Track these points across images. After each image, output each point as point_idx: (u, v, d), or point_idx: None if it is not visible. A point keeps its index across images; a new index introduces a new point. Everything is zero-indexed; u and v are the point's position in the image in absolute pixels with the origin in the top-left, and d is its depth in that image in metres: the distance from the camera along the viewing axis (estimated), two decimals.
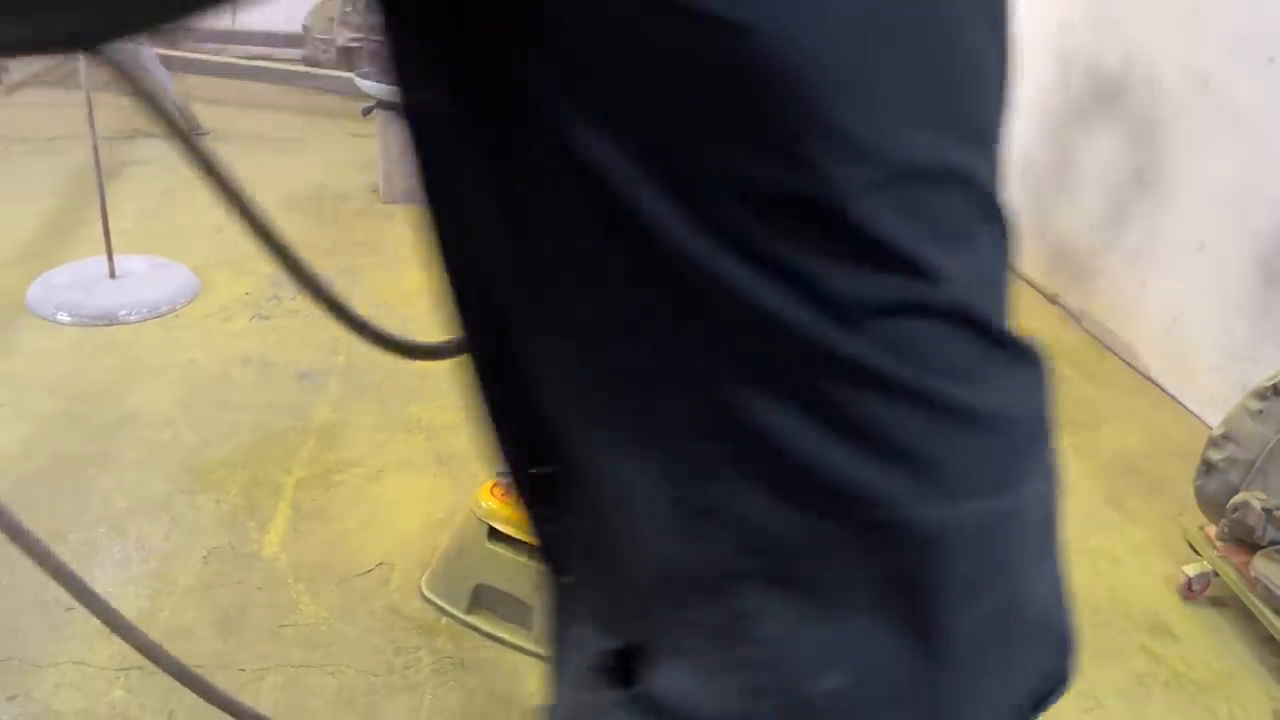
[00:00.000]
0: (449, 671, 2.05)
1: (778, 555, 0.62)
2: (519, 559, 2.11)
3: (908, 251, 0.59)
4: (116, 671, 1.96)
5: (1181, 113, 3.42)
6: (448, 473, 2.67)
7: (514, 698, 2.01)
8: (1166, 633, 2.39)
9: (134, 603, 2.13)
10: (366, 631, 2.13)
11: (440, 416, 2.92)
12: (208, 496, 2.48)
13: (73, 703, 1.88)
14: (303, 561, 2.31)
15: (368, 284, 3.63)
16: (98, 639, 2.02)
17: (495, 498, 2.15)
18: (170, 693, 1.92)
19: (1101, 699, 2.17)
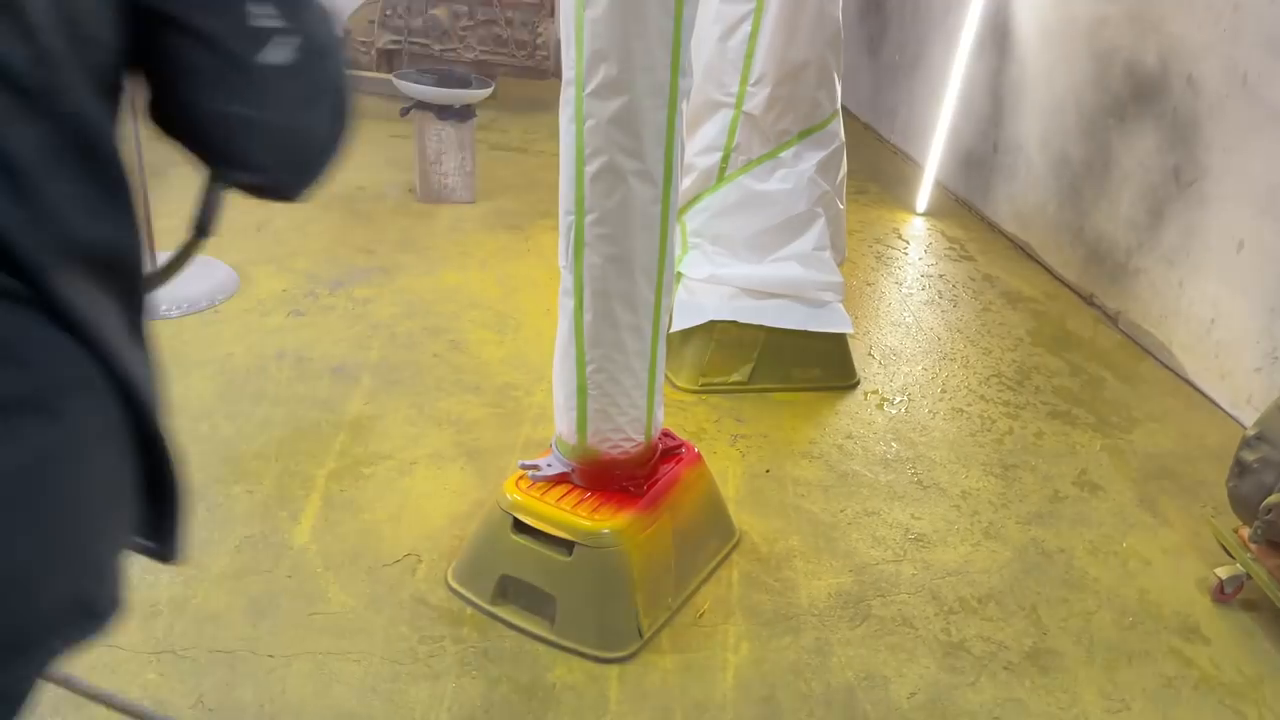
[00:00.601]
0: (473, 661, 2.08)
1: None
2: (543, 551, 2.14)
3: None
4: (149, 655, 2.00)
5: (1220, 111, 3.37)
6: (476, 467, 2.70)
7: (536, 687, 2.03)
8: (1197, 635, 2.37)
9: (167, 589, 2.18)
10: (393, 620, 2.16)
11: (470, 412, 2.95)
12: (241, 486, 2.53)
13: (106, 684, 1.92)
14: (332, 551, 2.35)
15: (402, 282, 3.68)
16: (131, 622, 2.07)
17: (521, 491, 2.18)
18: (200, 676, 1.97)
19: (1130, 701, 2.15)
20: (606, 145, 1.84)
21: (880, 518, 2.67)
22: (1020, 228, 4.69)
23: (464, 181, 4.55)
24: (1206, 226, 3.45)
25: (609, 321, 2.01)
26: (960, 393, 3.35)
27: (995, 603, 2.40)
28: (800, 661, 2.17)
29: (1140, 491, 2.90)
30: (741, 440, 2.96)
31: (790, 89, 3.01)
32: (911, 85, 5.85)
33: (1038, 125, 4.53)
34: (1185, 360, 3.56)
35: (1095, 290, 4.10)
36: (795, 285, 3.17)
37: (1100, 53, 4.05)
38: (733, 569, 2.43)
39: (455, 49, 5.89)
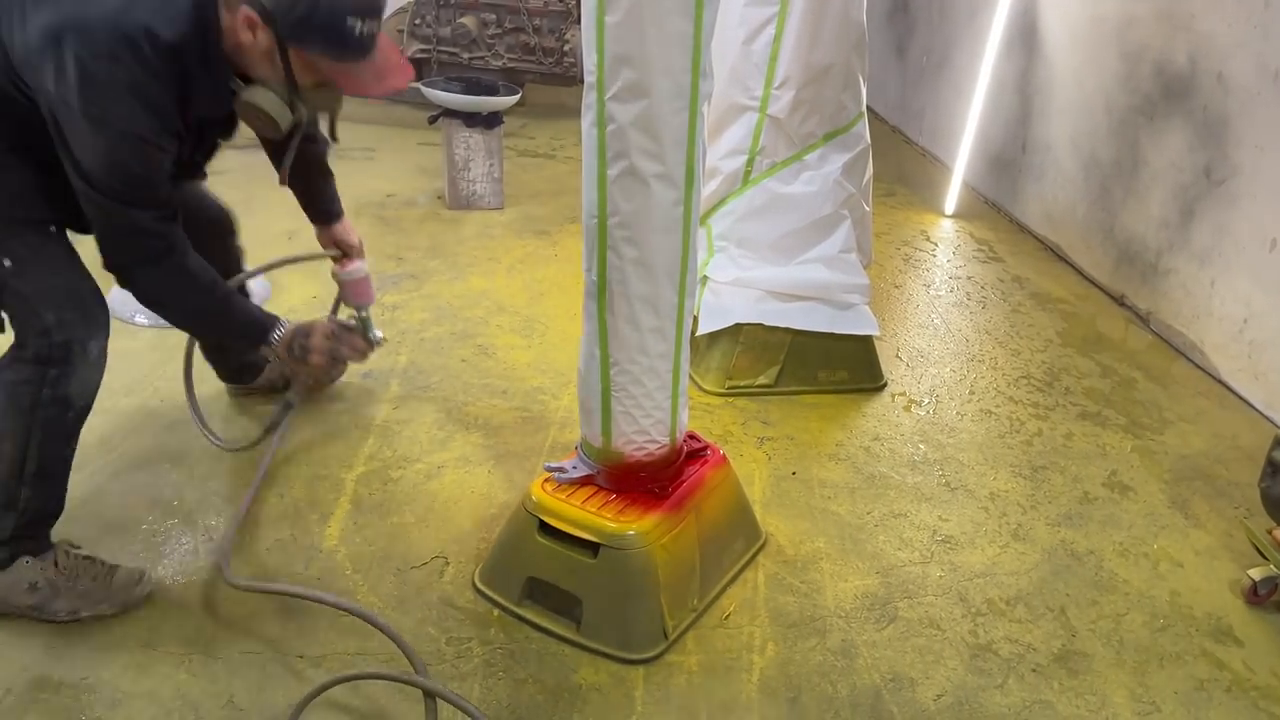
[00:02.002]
0: (499, 662, 2.09)
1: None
2: (569, 553, 2.15)
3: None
4: (181, 656, 2.03)
5: (1251, 108, 3.34)
6: (503, 470, 2.72)
7: (562, 689, 2.04)
8: (1229, 637, 2.34)
9: (200, 590, 2.21)
10: (421, 622, 2.18)
11: (497, 416, 2.97)
12: (272, 490, 2.56)
13: (139, 684, 1.96)
14: (361, 553, 2.37)
15: (431, 288, 3.71)
16: (163, 623, 2.11)
17: (546, 493, 2.19)
18: (231, 676, 1.99)
19: (1161, 703, 2.13)
20: (628, 149, 1.85)
21: (907, 520, 2.66)
22: (1050, 229, 4.66)
23: (492, 188, 4.58)
24: (1238, 225, 3.41)
25: (632, 324, 2.02)
26: (989, 394, 3.34)
27: (1024, 604, 2.38)
28: (826, 663, 2.16)
29: (1172, 493, 2.87)
30: (768, 443, 2.96)
31: (815, 91, 3.01)
32: (939, 87, 5.82)
33: (1067, 125, 4.49)
34: (1218, 360, 3.52)
35: (1126, 291, 4.06)
36: (821, 288, 3.17)
37: (1129, 52, 4.02)
38: (759, 571, 2.43)
39: (483, 57, 5.94)
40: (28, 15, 1.76)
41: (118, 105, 1.75)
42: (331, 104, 2.04)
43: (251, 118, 1.96)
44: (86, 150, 1.79)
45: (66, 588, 2.05)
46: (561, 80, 6.08)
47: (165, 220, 1.92)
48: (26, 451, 1.93)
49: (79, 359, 1.91)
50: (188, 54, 1.82)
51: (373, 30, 1.87)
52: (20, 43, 1.76)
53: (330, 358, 2.17)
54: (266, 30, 1.83)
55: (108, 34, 1.72)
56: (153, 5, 1.77)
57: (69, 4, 1.75)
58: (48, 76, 1.73)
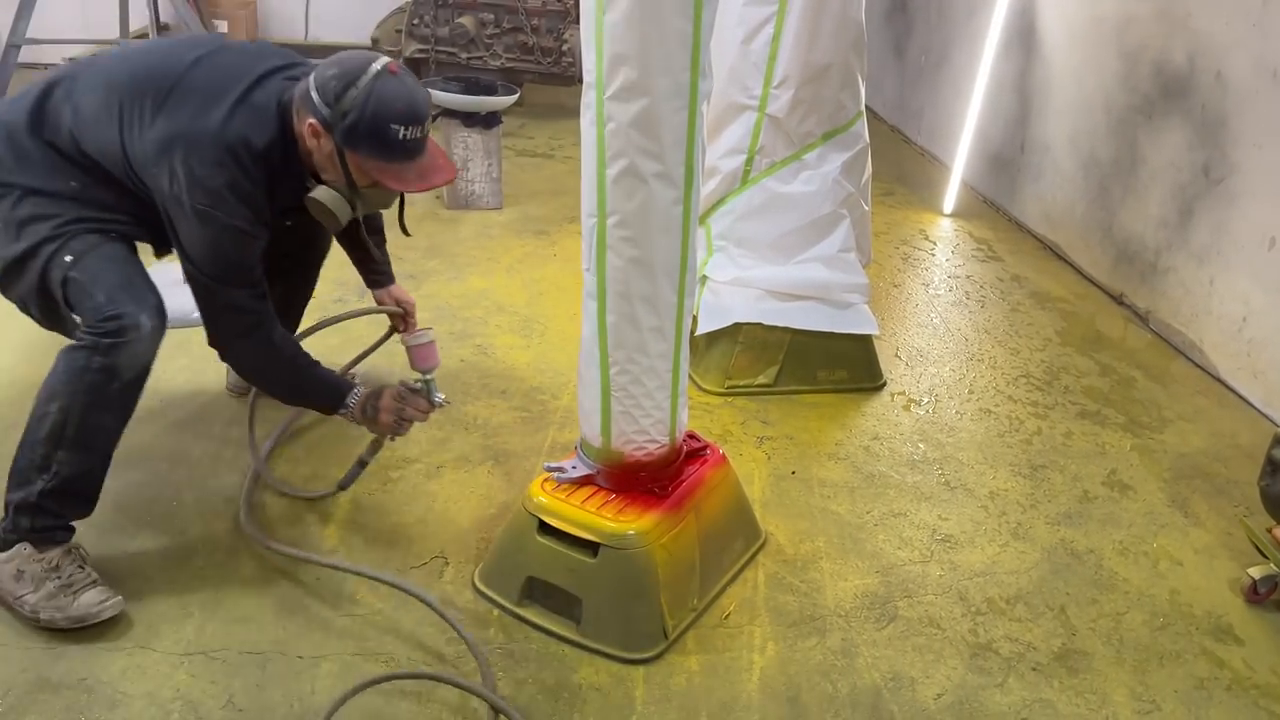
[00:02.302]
0: (499, 662, 2.09)
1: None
2: (569, 553, 2.15)
3: None
4: (180, 657, 2.03)
5: (1250, 106, 3.34)
6: (502, 470, 2.72)
7: (563, 688, 2.04)
8: (1230, 636, 2.34)
9: (198, 592, 2.21)
10: (420, 622, 2.18)
11: (496, 416, 2.97)
12: (270, 492, 2.56)
13: (139, 685, 1.96)
14: (360, 554, 2.37)
15: (430, 288, 3.71)
16: (162, 625, 2.11)
17: (546, 493, 2.19)
18: (231, 677, 1.99)
19: (1161, 702, 2.13)
20: (627, 148, 1.85)
21: (907, 519, 2.66)
22: (1048, 228, 4.66)
23: (491, 188, 4.58)
24: (1237, 223, 3.41)
25: (632, 324, 2.02)
26: (988, 393, 3.34)
27: (1023, 603, 2.38)
28: (826, 663, 2.16)
29: (1171, 491, 2.87)
30: (767, 442, 2.96)
31: (814, 91, 3.01)
32: (937, 87, 5.82)
33: (1065, 125, 4.50)
34: (1217, 359, 3.52)
35: (1125, 289, 4.06)
36: (821, 287, 3.17)
37: (1128, 51, 4.02)
38: (758, 570, 2.43)
39: (481, 57, 5.94)
40: (145, 126, 2.10)
41: (220, 203, 2.08)
42: (386, 202, 2.33)
43: (317, 212, 2.24)
44: (194, 240, 2.12)
45: (41, 585, 2.05)
46: (560, 80, 6.08)
47: (257, 299, 2.23)
48: (69, 414, 2.04)
49: (130, 331, 2.05)
50: (273, 157, 2.15)
51: (416, 135, 2.13)
52: (139, 150, 2.11)
53: (397, 418, 2.36)
54: (327, 137, 2.11)
55: (212, 145, 2.07)
56: (247, 119, 2.11)
57: (182, 118, 2.09)
58: (162, 179, 2.08)
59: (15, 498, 2.07)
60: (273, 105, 2.15)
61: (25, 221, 2.13)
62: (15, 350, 3.11)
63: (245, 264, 2.19)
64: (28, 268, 2.13)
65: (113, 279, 2.10)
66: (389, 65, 2.12)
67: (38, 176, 2.15)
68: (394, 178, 2.16)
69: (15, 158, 2.16)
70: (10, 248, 2.13)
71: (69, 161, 2.17)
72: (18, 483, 2.08)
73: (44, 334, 3.14)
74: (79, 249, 2.11)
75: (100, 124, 2.14)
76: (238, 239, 2.13)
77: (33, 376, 2.96)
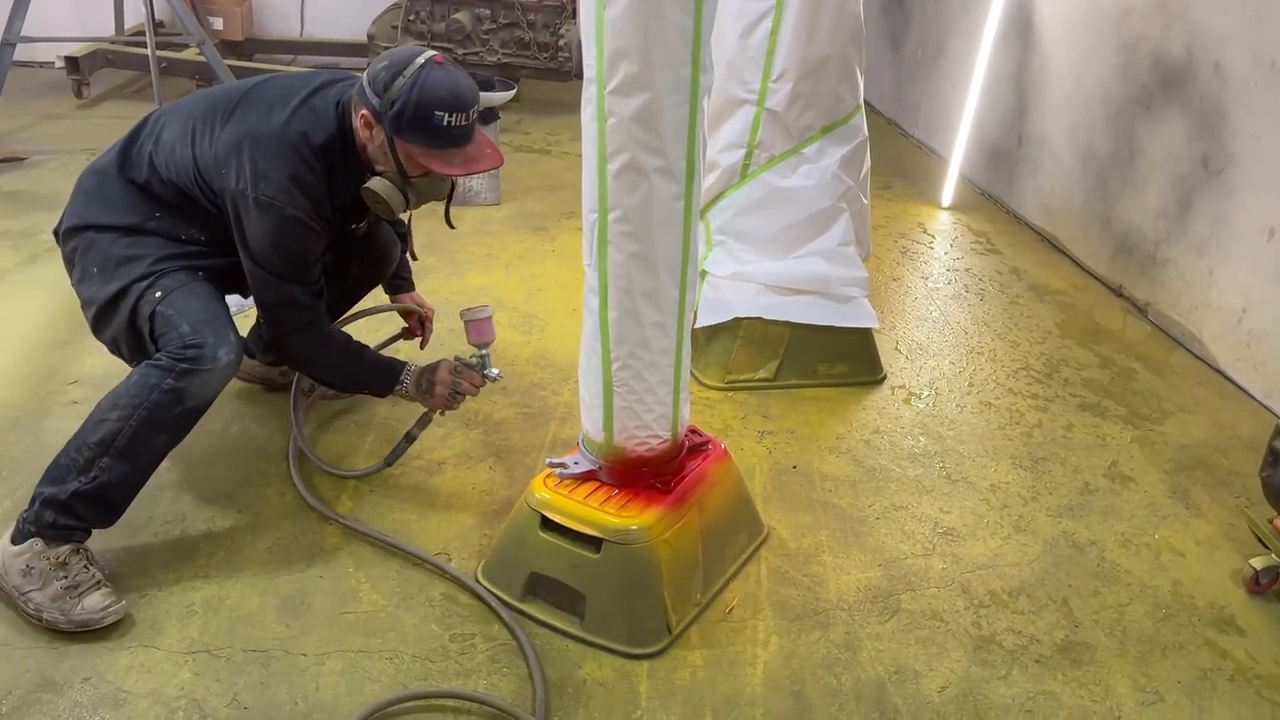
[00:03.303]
0: (503, 658, 2.09)
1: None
2: (571, 548, 2.15)
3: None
4: (184, 655, 2.03)
5: (1249, 97, 3.34)
6: (504, 466, 2.72)
7: (567, 684, 2.04)
8: (1232, 626, 2.34)
9: (202, 591, 2.21)
10: (424, 619, 2.18)
11: (498, 412, 2.97)
12: (273, 489, 2.56)
13: (143, 684, 1.96)
14: (363, 551, 2.37)
15: (428, 284, 3.70)
16: (166, 623, 2.11)
17: (549, 489, 2.19)
18: (235, 675, 1.99)
19: (1164, 693, 2.14)
20: (628, 143, 1.85)
21: (909, 512, 2.66)
22: (1047, 220, 4.66)
23: (489, 184, 4.58)
24: (1236, 215, 3.41)
25: (634, 319, 2.02)
26: (988, 386, 3.34)
27: (1026, 596, 2.38)
28: (830, 656, 2.16)
29: (1172, 483, 2.88)
30: (768, 437, 2.96)
31: (812, 84, 3.01)
32: (934, 80, 5.82)
33: (1063, 117, 4.49)
34: (1216, 350, 3.53)
35: (1124, 281, 4.07)
36: (820, 281, 3.17)
37: (1126, 43, 4.02)
38: (761, 565, 2.43)
39: (478, 53, 5.93)
40: (215, 135, 2.27)
41: (282, 194, 2.20)
42: (438, 191, 2.44)
43: (372, 203, 2.35)
44: (256, 231, 2.23)
45: (48, 584, 2.05)
46: (556, 75, 6.07)
47: (313, 296, 2.36)
48: (125, 424, 2.10)
49: (207, 362, 2.15)
50: (332, 153, 2.29)
51: (461, 123, 2.23)
52: (210, 154, 2.26)
53: (452, 391, 2.47)
54: (379, 127, 2.24)
55: (275, 140, 2.22)
56: (307, 118, 2.27)
57: (248, 122, 2.25)
58: (230, 177, 2.22)
59: (46, 492, 2.10)
60: (332, 107, 2.31)
61: (120, 262, 2.27)
62: (15, 351, 3.11)
63: (305, 258, 2.30)
64: (120, 307, 2.26)
65: (199, 314, 2.21)
66: (435, 57, 2.23)
67: (124, 214, 2.32)
68: (440, 163, 2.26)
69: (106, 201, 2.34)
70: (104, 289, 2.27)
71: (149, 195, 2.33)
72: (53, 478, 2.11)
73: (43, 336, 3.18)
74: (169, 285, 2.24)
75: (177, 148, 2.31)
76: (299, 231, 2.24)
77: (34, 376, 2.98)
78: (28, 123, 5.40)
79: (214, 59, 5.23)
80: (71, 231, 2.36)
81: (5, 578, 2.08)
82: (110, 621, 2.06)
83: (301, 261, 2.30)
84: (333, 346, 2.44)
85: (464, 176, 2.41)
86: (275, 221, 2.21)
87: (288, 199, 2.21)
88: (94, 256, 2.30)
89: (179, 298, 2.23)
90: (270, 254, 2.25)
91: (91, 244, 2.31)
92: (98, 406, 2.14)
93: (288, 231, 2.23)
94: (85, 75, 5.71)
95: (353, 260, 2.71)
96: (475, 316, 2.53)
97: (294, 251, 2.27)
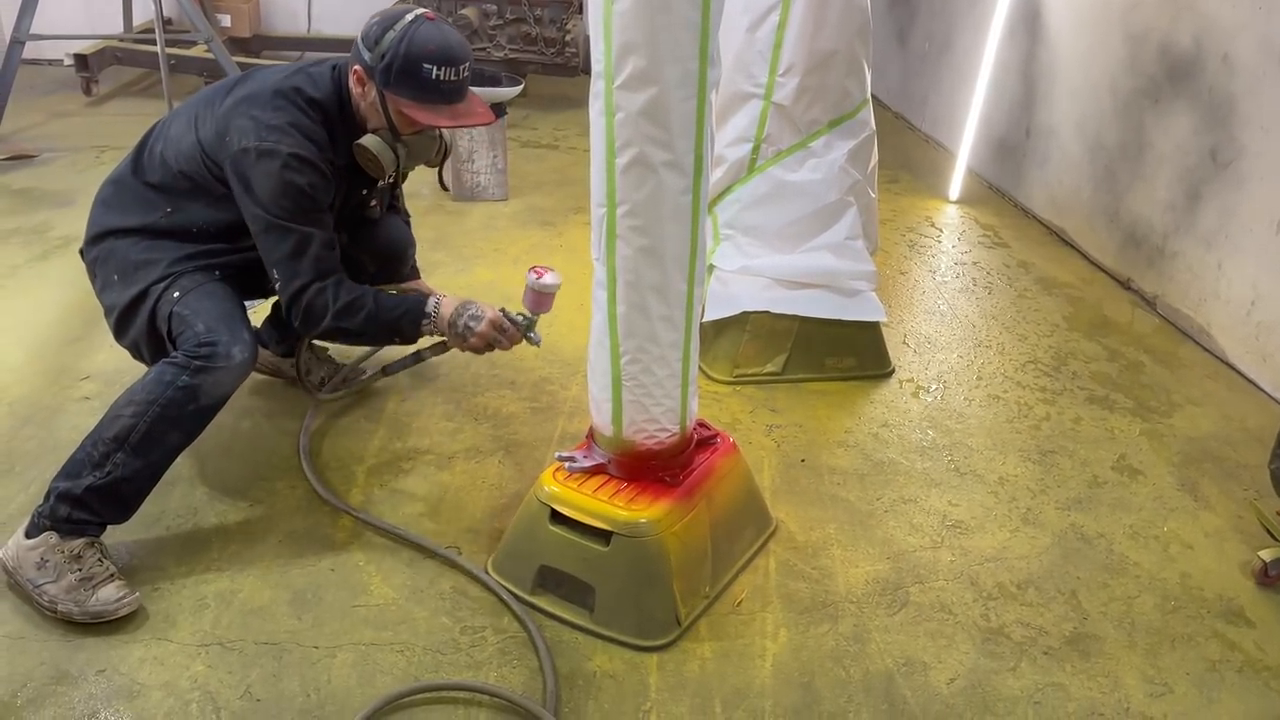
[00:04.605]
0: (514, 650, 2.10)
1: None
2: (581, 541, 2.16)
3: None
4: (197, 647, 2.05)
5: (1257, 89, 3.33)
6: (513, 460, 2.73)
7: (577, 676, 2.05)
8: (1241, 618, 2.34)
9: (214, 584, 2.22)
10: (435, 612, 2.19)
11: (507, 406, 2.98)
12: (284, 483, 2.58)
13: (157, 676, 1.97)
14: (373, 544, 2.38)
15: (436, 280, 3.70)
16: (179, 616, 2.12)
17: (558, 482, 2.20)
18: (248, 667, 2.01)
19: (1173, 684, 2.14)
20: (636, 137, 1.85)
21: (917, 505, 2.67)
22: (1055, 213, 4.65)
23: (496, 179, 4.58)
24: (1244, 207, 3.41)
25: (642, 313, 2.03)
26: (996, 379, 3.34)
27: (1035, 588, 2.39)
28: (839, 648, 2.17)
29: (1181, 475, 2.88)
30: (776, 430, 2.97)
31: (819, 78, 3.01)
32: (941, 73, 5.81)
33: (1071, 109, 4.49)
34: (1225, 343, 3.52)
35: (1132, 274, 4.06)
36: (828, 275, 3.17)
37: (1134, 34, 4.01)
38: (770, 557, 2.43)
39: (485, 48, 5.93)
40: (216, 111, 2.30)
41: (284, 136, 2.21)
42: (428, 150, 2.45)
43: (363, 159, 2.35)
44: (262, 180, 2.21)
45: (63, 576, 2.07)
46: (563, 71, 6.08)
47: (328, 247, 2.32)
48: (140, 420, 2.12)
49: (221, 359, 2.16)
50: (329, 109, 2.31)
51: (450, 77, 2.24)
52: (211, 129, 2.28)
53: (487, 345, 2.43)
54: (371, 83, 2.26)
55: (270, 93, 2.26)
56: (301, 77, 2.31)
57: (242, 89, 2.31)
58: (232, 140, 2.23)
59: (61, 486, 2.12)
60: (328, 71, 2.35)
61: (138, 266, 2.31)
62: (27, 347, 3.13)
63: (316, 201, 2.27)
64: (139, 310, 2.29)
65: (214, 313, 2.23)
66: (425, 13, 2.27)
67: (140, 214, 2.35)
68: (427, 115, 2.27)
69: (122, 206, 2.38)
70: (124, 294, 2.31)
71: (162, 192, 2.35)
72: (68, 473, 2.13)
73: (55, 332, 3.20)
74: (186, 285, 2.27)
75: (183, 137, 2.34)
76: (304, 168, 2.22)
77: (46, 372, 3.00)
78: (37, 120, 5.42)
79: (222, 56, 5.24)
80: (92, 242, 2.40)
81: (20, 571, 2.10)
82: (125, 613, 2.08)
83: (313, 204, 2.26)
84: (354, 293, 2.35)
85: (452, 129, 2.42)
86: (280, 162, 2.20)
87: (291, 140, 2.21)
88: (113, 264, 2.34)
89: (195, 298, 2.25)
90: (281, 198, 2.22)
91: (110, 252, 2.35)
92: (114, 403, 2.16)
93: (294, 170, 2.21)
94: (94, 73, 5.73)
95: (369, 259, 2.70)
96: (545, 288, 2.42)
97: (304, 193, 2.23)
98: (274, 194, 2.22)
